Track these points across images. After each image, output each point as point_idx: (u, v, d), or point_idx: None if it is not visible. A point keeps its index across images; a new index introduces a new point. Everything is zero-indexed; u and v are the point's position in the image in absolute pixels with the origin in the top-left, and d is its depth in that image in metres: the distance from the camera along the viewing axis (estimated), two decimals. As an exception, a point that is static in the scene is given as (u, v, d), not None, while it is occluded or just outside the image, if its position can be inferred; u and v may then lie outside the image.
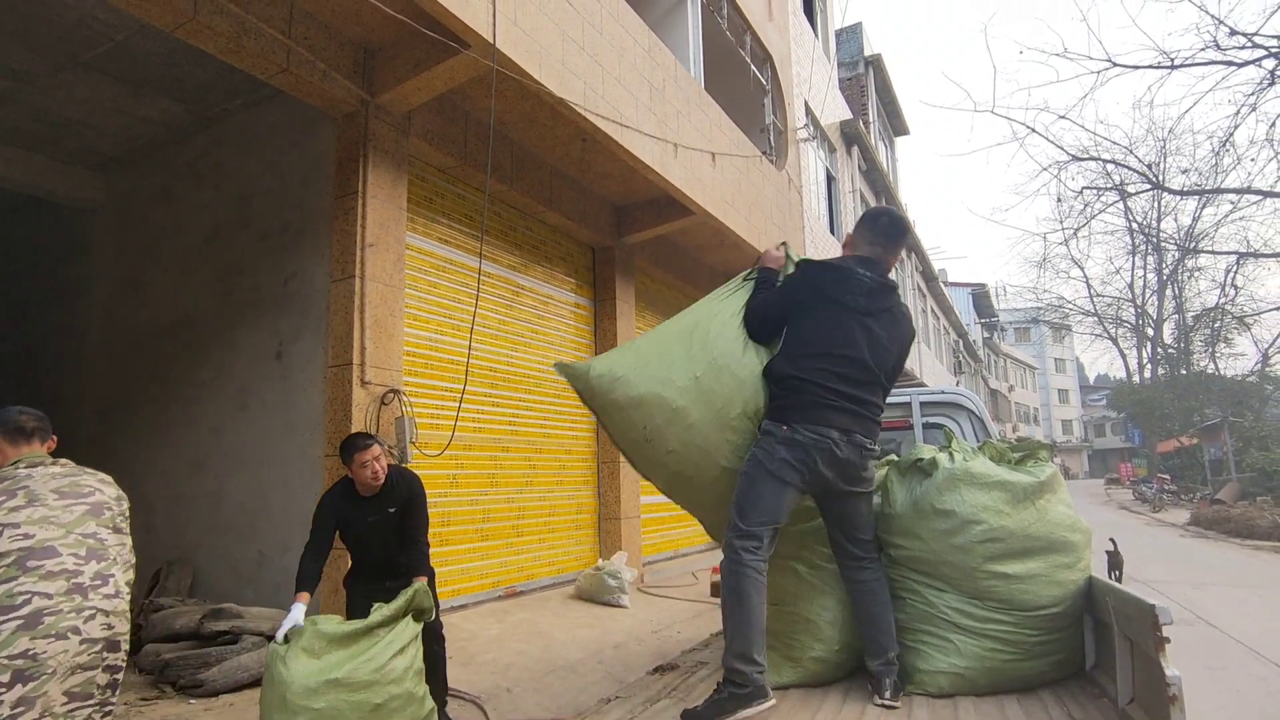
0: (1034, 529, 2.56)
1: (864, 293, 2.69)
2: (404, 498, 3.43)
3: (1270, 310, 26.90)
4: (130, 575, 2.40)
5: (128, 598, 2.35)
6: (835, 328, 2.68)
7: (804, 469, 2.57)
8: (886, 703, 2.53)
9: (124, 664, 2.29)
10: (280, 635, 2.87)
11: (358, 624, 2.85)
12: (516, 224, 7.36)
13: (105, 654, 2.22)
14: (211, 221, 6.32)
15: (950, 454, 2.75)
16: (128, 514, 2.50)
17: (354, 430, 4.93)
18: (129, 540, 2.47)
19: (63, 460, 2.47)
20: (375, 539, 3.43)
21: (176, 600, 5.28)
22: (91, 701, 2.16)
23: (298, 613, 3.00)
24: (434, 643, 3.40)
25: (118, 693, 2.27)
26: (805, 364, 2.64)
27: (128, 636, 2.33)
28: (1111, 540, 3.92)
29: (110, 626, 2.24)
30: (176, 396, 6.28)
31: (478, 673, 4.68)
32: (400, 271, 5.46)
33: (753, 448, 2.67)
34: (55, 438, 2.54)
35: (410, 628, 2.96)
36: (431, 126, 5.92)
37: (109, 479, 2.52)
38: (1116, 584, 2.32)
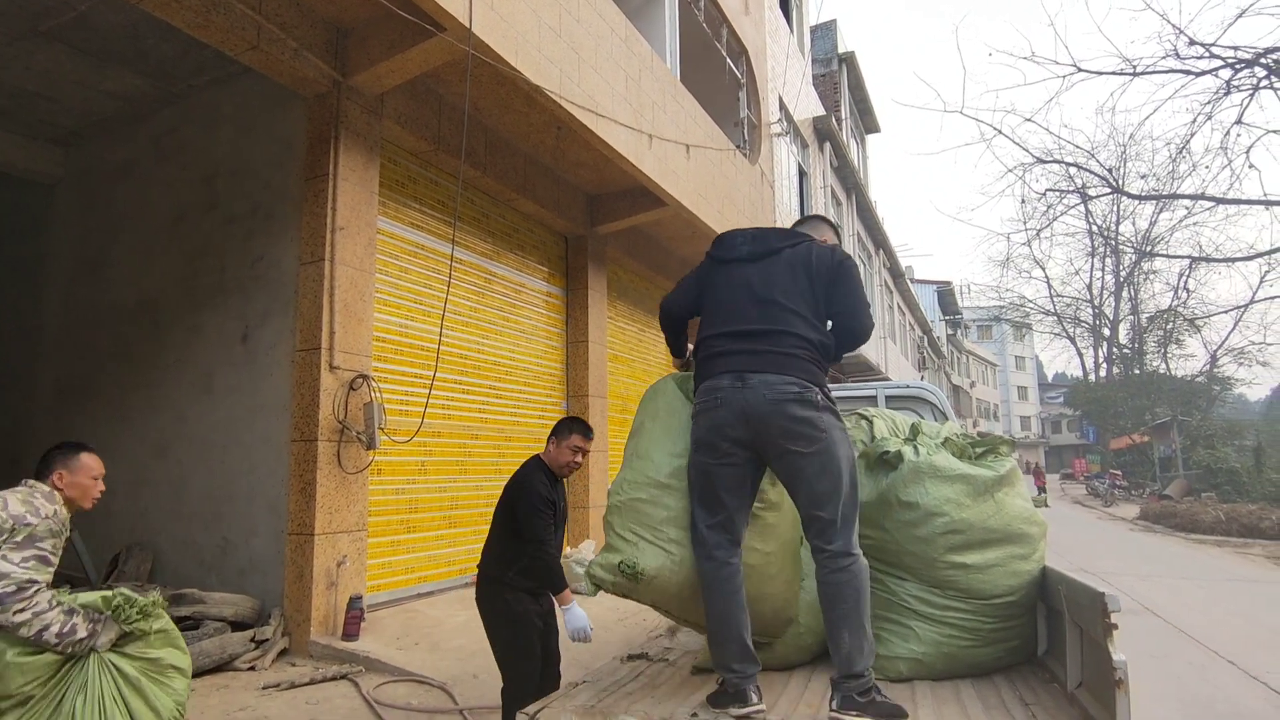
0: (993, 521, 2.65)
1: (747, 241, 2.59)
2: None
3: (1220, 313, 28.06)
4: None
5: None
6: (724, 288, 2.55)
7: (714, 434, 2.36)
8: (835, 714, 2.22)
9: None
10: (579, 634, 3.22)
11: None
12: (489, 211, 7.31)
13: None
14: (176, 200, 6.18)
15: (915, 447, 2.82)
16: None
17: (320, 414, 4.90)
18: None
19: None
20: (560, 523, 3.43)
21: (135, 585, 5.20)
22: None
23: (578, 614, 3.22)
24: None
25: None
26: (701, 334, 2.56)
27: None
28: None
29: None
30: (139, 379, 6.14)
31: (444, 659, 4.69)
32: (371, 256, 5.41)
33: None
34: None
35: None
36: (405, 110, 5.85)
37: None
38: (1068, 573, 2.40)
